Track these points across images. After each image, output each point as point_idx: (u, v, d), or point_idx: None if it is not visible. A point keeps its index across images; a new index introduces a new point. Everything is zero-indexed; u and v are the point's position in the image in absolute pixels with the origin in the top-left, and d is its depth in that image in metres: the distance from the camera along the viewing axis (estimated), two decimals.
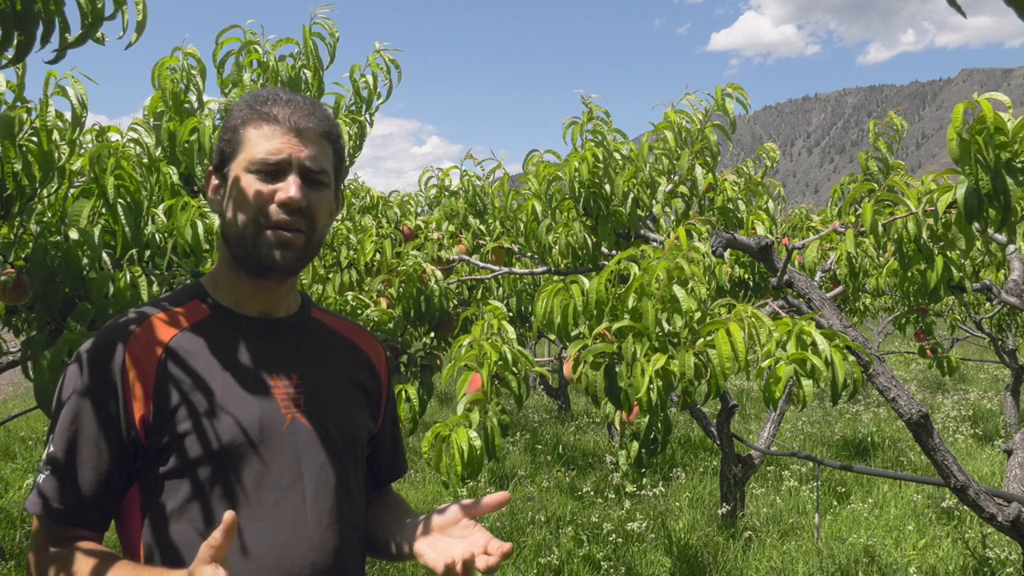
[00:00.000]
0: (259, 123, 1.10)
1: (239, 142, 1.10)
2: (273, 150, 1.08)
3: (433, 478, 5.87)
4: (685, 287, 1.73)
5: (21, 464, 6.41)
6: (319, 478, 1.10)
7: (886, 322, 12.31)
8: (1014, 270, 3.42)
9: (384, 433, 1.30)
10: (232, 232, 1.11)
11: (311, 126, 1.11)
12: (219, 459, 1.04)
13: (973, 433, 7.67)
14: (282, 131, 1.09)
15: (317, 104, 1.15)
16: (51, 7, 1.32)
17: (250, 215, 1.08)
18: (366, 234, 3.28)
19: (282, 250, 1.08)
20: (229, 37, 2.47)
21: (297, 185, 1.07)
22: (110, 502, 1.05)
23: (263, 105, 1.10)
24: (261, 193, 1.07)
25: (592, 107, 2.78)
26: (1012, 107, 1.86)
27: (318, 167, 1.11)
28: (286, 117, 1.09)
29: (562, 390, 9.39)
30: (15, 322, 2.45)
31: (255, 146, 1.09)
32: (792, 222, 4.17)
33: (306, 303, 1.24)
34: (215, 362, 1.09)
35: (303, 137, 1.10)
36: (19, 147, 1.86)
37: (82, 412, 1.04)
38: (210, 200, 1.17)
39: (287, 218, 1.08)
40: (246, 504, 1.05)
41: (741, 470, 4.95)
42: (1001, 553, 4.14)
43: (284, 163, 1.08)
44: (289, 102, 1.11)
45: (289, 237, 1.08)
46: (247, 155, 1.09)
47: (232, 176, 1.10)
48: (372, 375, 1.27)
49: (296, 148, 1.09)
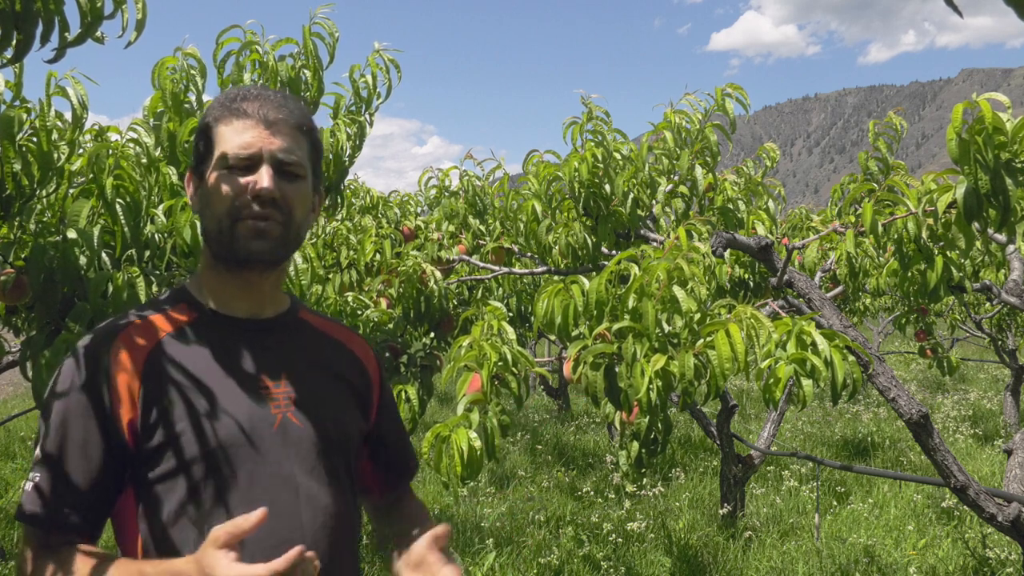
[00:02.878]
0: (230, 119, 1.10)
1: (212, 140, 1.11)
2: (244, 144, 1.08)
3: (433, 478, 5.87)
4: (685, 287, 1.73)
5: (21, 464, 6.41)
6: (311, 477, 1.10)
7: (886, 322, 12.32)
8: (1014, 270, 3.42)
9: (383, 430, 1.30)
10: (210, 229, 1.11)
11: (282, 117, 1.11)
12: (211, 460, 1.04)
13: (973, 433, 7.67)
14: (252, 124, 1.09)
15: (290, 97, 1.15)
16: (50, 6, 1.32)
17: (225, 209, 1.08)
18: (366, 234, 3.28)
19: (258, 240, 1.08)
20: (229, 37, 2.47)
21: (270, 176, 1.08)
22: (101, 508, 1.05)
23: (233, 102, 1.11)
24: (234, 187, 1.08)
25: (592, 107, 2.78)
26: (1011, 107, 1.86)
27: (291, 159, 1.10)
28: (256, 110, 1.10)
29: (562, 390, 9.38)
30: (15, 322, 2.45)
31: (227, 142, 1.09)
32: (792, 222, 4.17)
33: (294, 304, 1.24)
34: (203, 363, 1.09)
35: (274, 129, 1.10)
36: (18, 147, 1.86)
37: (70, 418, 1.03)
38: (191, 201, 1.17)
39: (261, 209, 1.08)
40: (239, 504, 1.04)
41: (741, 470, 4.95)
42: (1001, 553, 4.14)
43: (256, 156, 1.08)
44: (259, 96, 1.11)
45: (263, 227, 1.08)
46: (220, 151, 1.09)
47: (208, 174, 1.11)
48: (361, 373, 1.27)
49: (267, 140, 1.09)
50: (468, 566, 4.13)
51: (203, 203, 1.12)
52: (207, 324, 1.13)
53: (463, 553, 4.30)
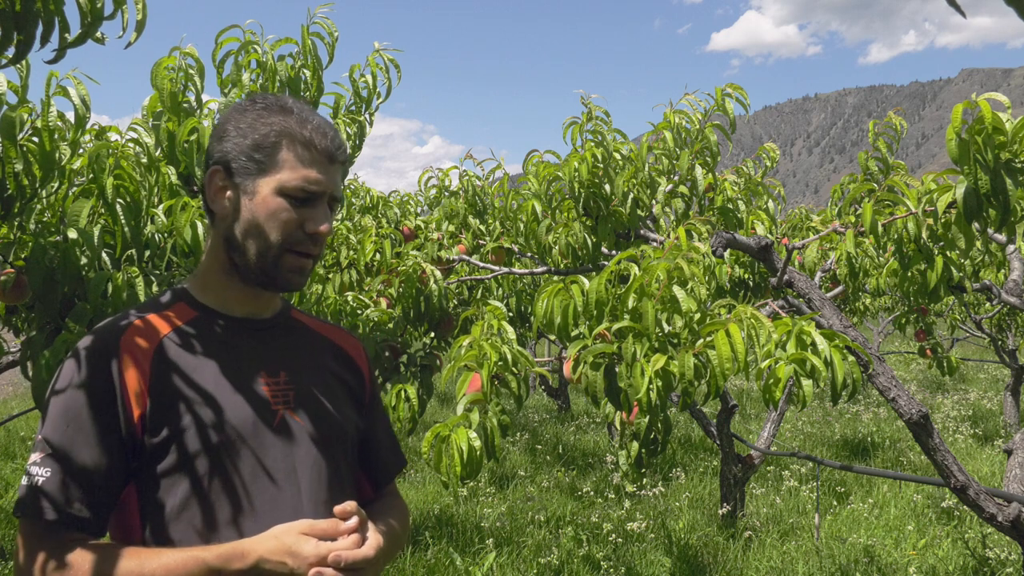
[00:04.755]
0: (296, 146, 1.11)
1: (275, 159, 1.10)
2: (313, 180, 1.10)
3: (433, 478, 5.87)
4: (685, 287, 1.73)
5: (21, 464, 6.41)
6: (313, 472, 1.12)
7: (886, 322, 12.31)
8: (1014, 270, 3.43)
9: (374, 427, 1.32)
10: (251, 249, 1.11)
11: (338, 155, 1.14)
12: (214, 455, 1.05)
13: (973, 433, 7.67)
14: (319, 159, 1.11)
15: (333, 126, 1.17)
16: (51, 6, 1.32)
17: (276, 237, 1.10)
18: (366, 234, 3.28)
19: (298, 275, 1.13)
20: (228, 37, 2.47)
21: (329, 219, 1.12)
22: (109, 503, 1.05)
23: (303, 127, 1.11)
24: (292, 219, 1.10)
25: (592, 107, 2.78)
26: (1011, 107, 1.86)
27: (340, 196, 1.15)
28: (324, 144, 1.12)
29: (562, 390, 9.38)
30: (15, 322, 2.45)
31: (295, 170, 1.10)
32: (792, 222, 4.17)
33: (285, 305, 1.27)
34: (206, 360, 1.10)
35: (334, 168, 1.13)
36: (20, 147, 1.86)
37: (79, 413, 1.03)
38: (212, 201, 1.15)
39: (312, 248, 1.12)
40: (242, 499, 1.06)
41: (741, 470, 4.95)
42: (1001, 553, 4.14)
43: (320, 194, 1.11)
44: (319, 127, 1.13)
45: (308, 264, 1.13)
46: (284, 177, 1.10)
47: (261, 192, 1.11)
48: (354, 371, 1.29)
49: (330, 179, 1.13)
50: (468, 566, 4.13)
51: (249, 220, 1.11)
52: (208, 323, 1.14)
53: (463, 553, 4.30)
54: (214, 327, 1.14)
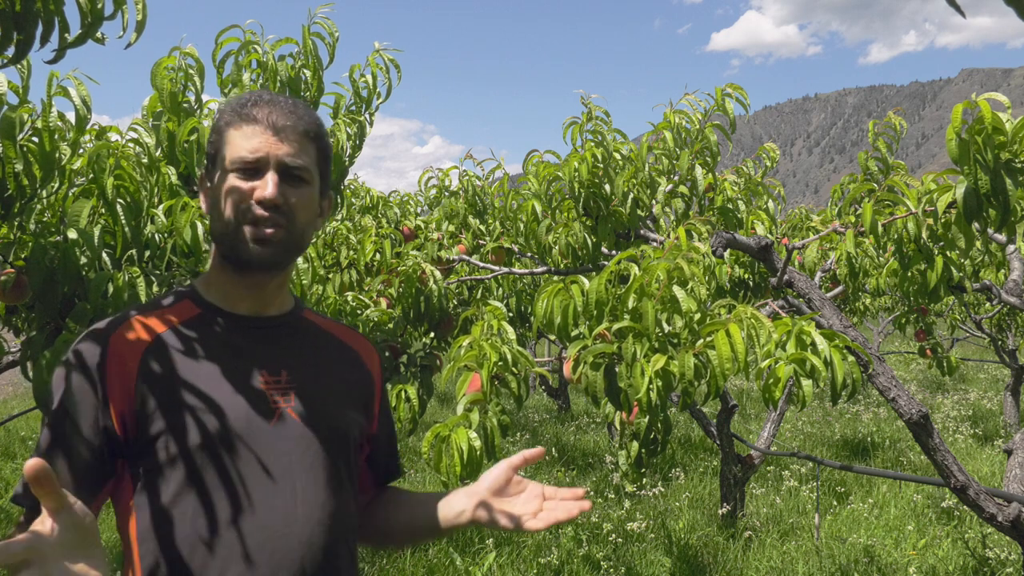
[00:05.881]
0: (240, 124, 1.13)
1: (222, 144, 1.14)
2: (251, 148, 1.11)
3: (433, 478, 5.87)
4: (685, 287, 1.73)
5: (21, 464, 6.41)
6: (309, 474, 1.11)
7: (886, 322, 12.31)
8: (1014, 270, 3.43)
9: (381, 433, 1.31)
10: (216, 231, 1.14)
11: (290, 124, 1.14)
12: (206, 452, 1.05)
13: (973, 433, 7.67)
14: (261, 130, 1.12)
15: (300, 104, 1.18)
16: (51, 7, 1.32)
17: (230, 213, 1.11)
18: (366, 234, 3.28)
19: (260, 246, 1.11)
20: (229, 37, 2.47)
21: (274, 182, 1.10)
22: (87, 496, 1.04)
23: (243, 107, 1.14)
24: (240, 191, 1.11)
25: (592, 107, 2.78)
26: (1011, 107, 1.86)
27: (296, 163, 1.13)
28: (264, 116, 1.13)
29: (562, 390, 9.38)
30: (15, 322, 2.45)
31: (235, 146, 1.12)
32: (792, 222, 4.17)
33: (298, 304, 1.26)
34: (202, 357, 1.10)
35: (282, 135, 1.13)
36: (20, 147, 1.86)
37: (64, 407, 1.05)
38: (202, 202, 1.20)
39: (264, 214, 1.10)
40: (234, 498, 1.05)
41: (741, 470, 4.95)
42: (1001, 553, 4.14)
43: (262, 161, 1.11)
44: (269, 102, 1.14)
45: (267, 233, 1.11)
46: (228, 155, 1.12)
47: (217, 178, 1.14)
48: (364, 374, 1.28)
49: (274, 146, 1.12)
50: (468, 566, 4.13)
51: (211, 205, 1.15)
52: (210, 319, 1.15)
53: (463, 553, 4.30)
54: (214, 325, 1.14)
